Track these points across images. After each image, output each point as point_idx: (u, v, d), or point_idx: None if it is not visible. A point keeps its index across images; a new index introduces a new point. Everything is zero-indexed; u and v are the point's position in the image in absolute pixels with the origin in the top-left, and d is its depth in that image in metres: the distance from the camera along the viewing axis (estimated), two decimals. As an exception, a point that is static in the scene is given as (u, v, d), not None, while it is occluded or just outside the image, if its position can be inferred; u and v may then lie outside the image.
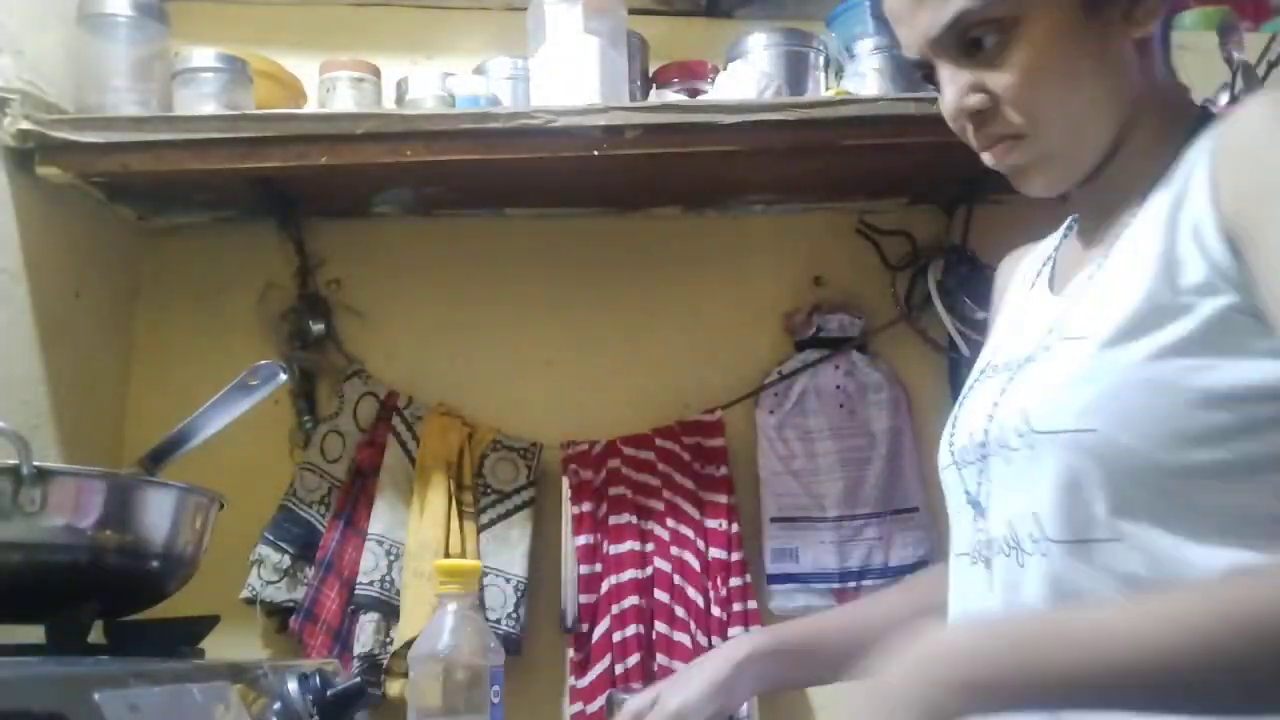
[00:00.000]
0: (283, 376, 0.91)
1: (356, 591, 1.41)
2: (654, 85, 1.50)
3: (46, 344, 1.33)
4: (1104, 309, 0.71)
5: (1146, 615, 0.60)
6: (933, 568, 1.02)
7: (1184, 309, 0.67)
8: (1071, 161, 0.78)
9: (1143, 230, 0.73)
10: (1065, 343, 0.73)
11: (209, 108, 1.35)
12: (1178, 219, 0.70)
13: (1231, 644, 0.56)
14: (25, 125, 1.25)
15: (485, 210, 1.59)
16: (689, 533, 1.46)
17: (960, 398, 0.87)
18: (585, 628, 1.44)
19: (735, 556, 1.46)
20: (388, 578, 1.41)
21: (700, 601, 1.43)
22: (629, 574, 1.43)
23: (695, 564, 1.45)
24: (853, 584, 1.50)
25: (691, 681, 0.95)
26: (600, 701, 1.38)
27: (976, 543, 0.78)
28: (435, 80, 1.43)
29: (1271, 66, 1.43)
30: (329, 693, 0.81)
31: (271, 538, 1.44)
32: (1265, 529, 0.65)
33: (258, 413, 1.52)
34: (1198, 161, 0.71)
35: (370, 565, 1.41)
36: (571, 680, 1.44)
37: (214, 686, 0.64)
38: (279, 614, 1.45)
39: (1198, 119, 0.77)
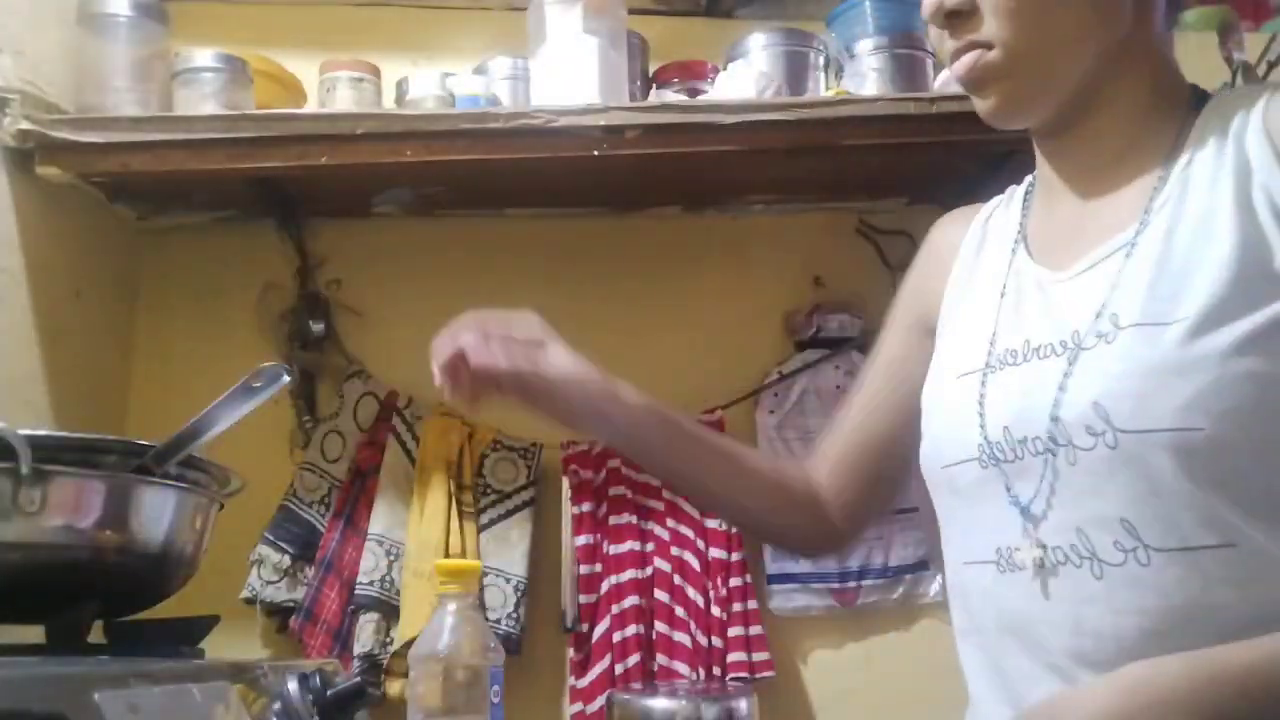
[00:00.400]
0: (286, 378, 0.90)
1: (356, 591, 1.41)
2: (654, 85, 1.50)
3: (46, 344, 1.33)
4: (1174, 293, 0.66)
5: None
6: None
7: (1277, 292, 0.64)
8: (1036, 86, 0.73)
9: (1194, 206, 0.69)
10: (1134, 330, 0.67)
11: (209, 108, 1.35)
12: (1250, 196, 0.67)
13: None
14: (25, 125, 1.25)
15: (485, 210, 1.59)
16: (689, 533, 1.46)
17: (963, 387, 0.78)
18: (585, 628, 1.44)
19: (735, 556, 1.46)
20: (388, 578, 1.41)
21: (700, 601, 1.43)
22: (629, 574, 1.43)
23: (695, 564, 1.45)
24: (853, 583, 1.50)
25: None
26: (600, 701, 1.38)
27: (1011, 549, 0.71)
28: (435, 80, 1.43)
29: (1271, 66, 1.43)
30: (329, 693, 0.81)
31: (271, 538, 1.44)
32: None
33: (258, 413, 1.51)
34: (1246, 134, 0.69)
35: (370, 565, 1.41)
36: (571, 680, 1.44)
37: (214, 686, 0.64)
38: (279, 614, 1.45)
39: (1193, 94, 0.75)
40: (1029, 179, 0.87)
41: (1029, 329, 0.74)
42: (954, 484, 0.77)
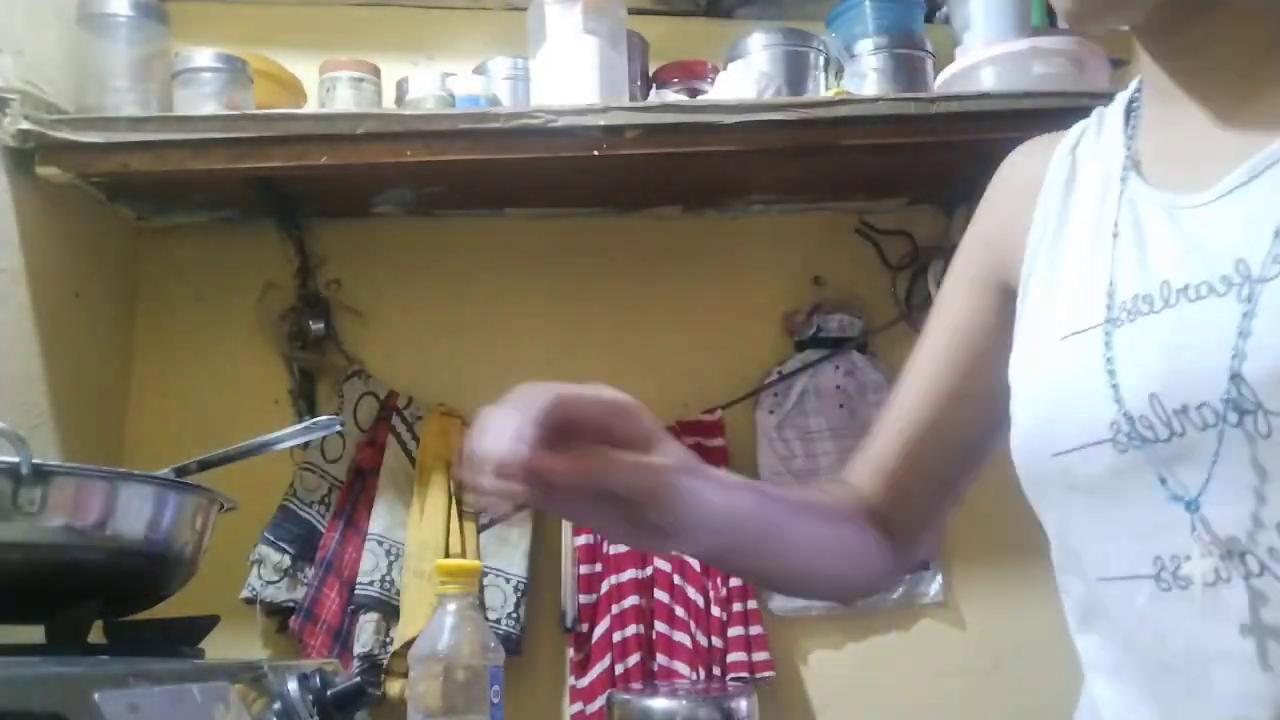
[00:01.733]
0: (339, 427, 0.91)
1: (356, 591, 1.41)
2: (654, 85, 1.50)
3: (46, 344, 1.33)
4: None
5: None
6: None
7: None
8: None
9: None
10: None
11: (209, 108, 1.35)
12: None
13: None
14: (25, 125, 1.25)
15: (485, 210, 1.59)
16: (689, 533, 1.46)
17: (1075, 349, 0.60)
18: (585, 628, 1.44)
19: (735, 556, 1.46)
20: (388, 578, 1.41)
21: (700, 601, 1.43)
22: (629, 573, 1.43)
23: (695, 564, 1.45)
24: (853, 584, 1.50)
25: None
26: (600, 701, 1.38)
27: (1179, 558, 0.54)
28: (435, 80, 1.43)
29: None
30: (329, 693, 0.81)
31: (271, 538, 1.44)
32: None
33: (258, 414, 1.53)
34: None
35: (370, 565, 1.41)
36: (571, 680, 1.44)
37: (214, 686, 0.64)
38: (279, 614, 1.45)
39: None
40: (1124, 96, 0.70)
41: (1165, 268, 0.58)
42: (1073, 475, 0.60)
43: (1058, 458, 0.60)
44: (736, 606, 1.44)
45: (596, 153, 1.31)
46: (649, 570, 1.45)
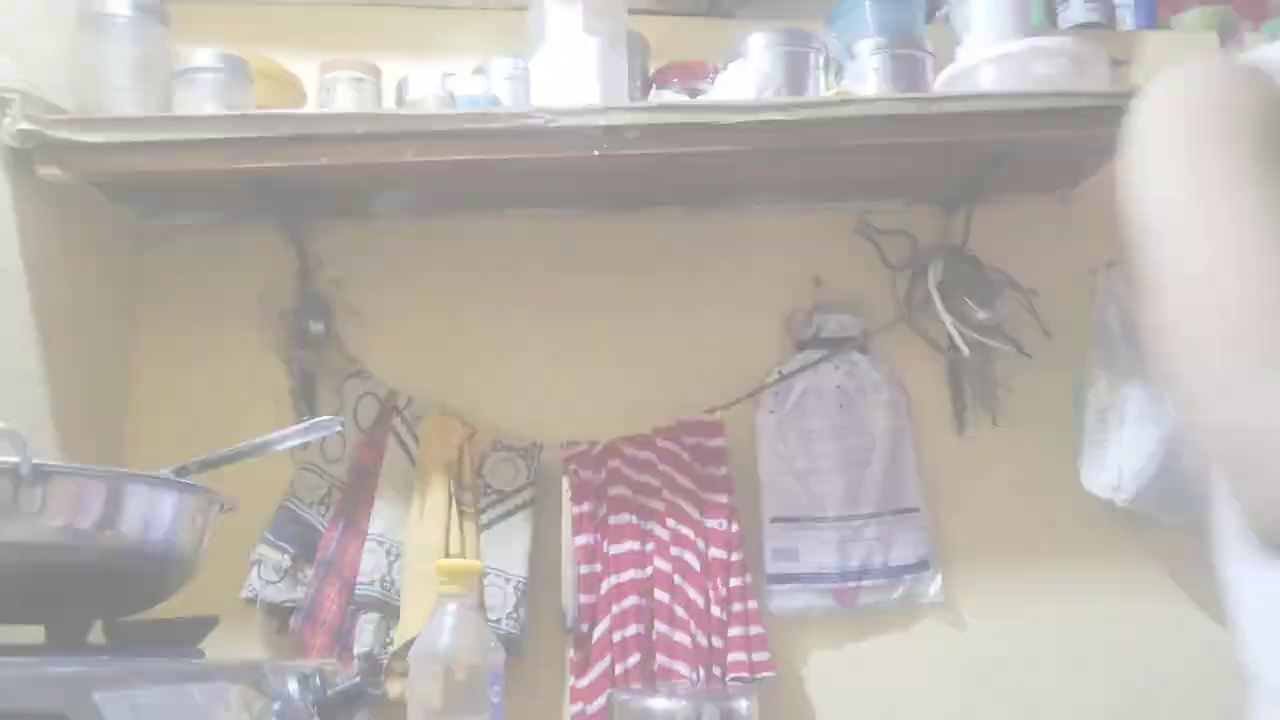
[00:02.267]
0: (339, 428, 0.93)
1: (356, 591, 1.41)
2: (654, 85, 1.50)
3: (46, 344, 1.33)
4: None
5: None
6: None
7: None
8: None
9: None
10: None
11: (209, 108, 1.35)
12: None
13: None
14: (25, 125, 1.25)
15: (485, 210, 1.59)
16: (689, 533, 1.46)
17: None
18: (585, 628, 1.44)
19: (735, 556, 1.46)
20: (388, 578, 1.42)
21: (700, 601, 1.43)
22: (629, 574, 1.43)
23: (695, 564, 1.45)
24: (853, 583, 1.50)
25: None
26: (600, 701, 1.38)
27: None
28: (435, 80, 1.43)
29: (1271, 66, 1.43)
30: (329, 693, 0.81)
31: (272, 538, 1.44)
32: None
33: (258, 414, 1.53)
34: None
35: (370, 565, 1.41)
36: (571, 680, 1.44)
37: (214, 686, 0.64)
38: (279, 614, 1.45)
39: None
40: None
41: None
42: None
43: None
44: (736, 606, 1.44)
45: (597, 153, 1.31)
46: (649, 570, 1.45)
